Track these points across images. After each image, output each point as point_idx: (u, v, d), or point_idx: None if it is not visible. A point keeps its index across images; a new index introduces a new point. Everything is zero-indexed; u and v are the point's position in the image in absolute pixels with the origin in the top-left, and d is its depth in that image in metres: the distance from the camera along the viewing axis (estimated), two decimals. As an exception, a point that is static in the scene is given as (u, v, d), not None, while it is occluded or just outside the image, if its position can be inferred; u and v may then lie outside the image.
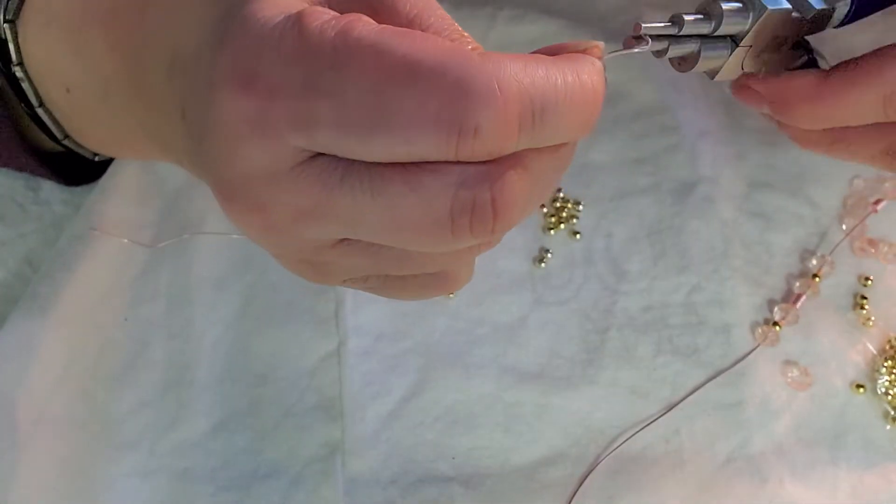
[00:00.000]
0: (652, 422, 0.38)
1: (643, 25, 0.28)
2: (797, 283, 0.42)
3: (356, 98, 0.22)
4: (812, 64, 0.35)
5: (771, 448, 0.38)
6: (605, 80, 0.26)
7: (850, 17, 0.34)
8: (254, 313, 0.41)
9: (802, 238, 0.43)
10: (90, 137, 0.38)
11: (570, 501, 0.36)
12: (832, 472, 0.37)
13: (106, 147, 0.39)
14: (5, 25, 0.34)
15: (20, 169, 0.41)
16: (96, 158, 0.40)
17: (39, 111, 0.36)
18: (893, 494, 0.37)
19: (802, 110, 0.33)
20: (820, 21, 0.34)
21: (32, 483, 0.37)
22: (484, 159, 0.23)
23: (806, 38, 0.35)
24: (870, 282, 0.42)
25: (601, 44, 0.26)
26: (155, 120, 0.31)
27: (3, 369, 0.38)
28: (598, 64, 0.25)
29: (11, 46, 0.34)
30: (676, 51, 0.30)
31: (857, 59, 0.32)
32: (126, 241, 0.42)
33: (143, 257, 0.42)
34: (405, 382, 0.39)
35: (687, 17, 0.29)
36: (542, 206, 0.44)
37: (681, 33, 0.29)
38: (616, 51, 0.27)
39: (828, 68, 0.33)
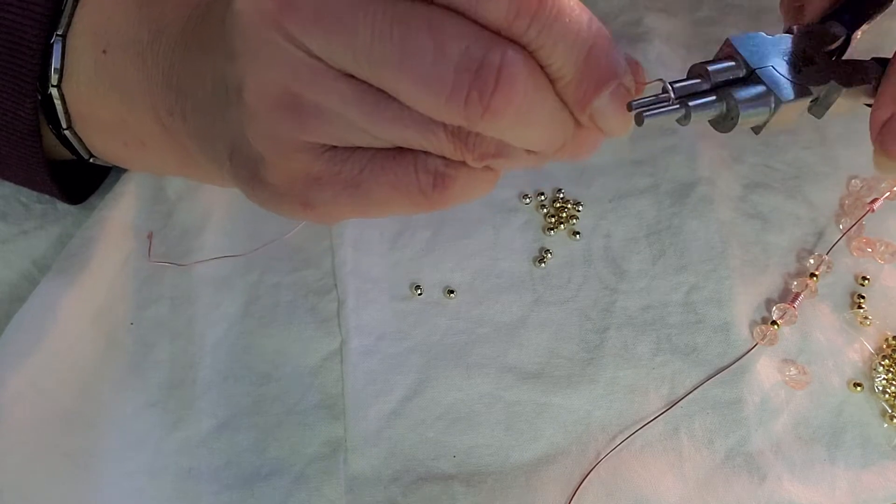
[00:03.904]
0: (651, 420, 0.38)
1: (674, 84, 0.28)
2: (795, 283, 0.42)
3: None
4: (883, 60, 0.34)
5: (769, 446, 0.38)
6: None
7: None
8: (256, 313, 0.41)
9: (800, 238, 0.44)
10: (97, 122, 0.37)
11: (571, 499, 0.37)
12: (830, 470, 0.38)
13: (110, 136, 0.38)
14: (57, 38, 0.35)
15: (31, 186, 0.41)
16: (91, 160, 0.40)
17: (66, 133, 0.37)
18: (891, 492, 0.37)
19: None
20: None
21: (40, 480, 0.37)
22: (501, 23, 0.24)
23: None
24: (867, 281, 0.42)
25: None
26: (190, 56, 0.32)
27: (10, 367, 0.39)
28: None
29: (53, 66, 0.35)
30: (705, 114, 0.29)
31: None
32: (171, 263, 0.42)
33: (149, 262, 0.42)
34: (407, 381, 0.39)
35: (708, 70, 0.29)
36: (543, 206, 0.44)
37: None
38: (648, 106, 0.27)
39: None
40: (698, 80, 0.29)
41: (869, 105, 0.34)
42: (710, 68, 0.29)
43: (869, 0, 0.36)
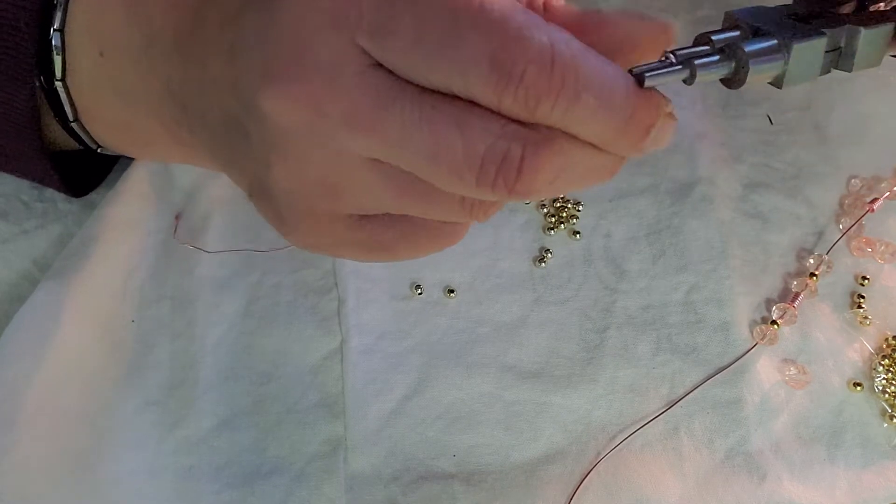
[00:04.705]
0: (651, 420, 0.38)
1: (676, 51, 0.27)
2: (795, 283, 0.42)
3: (433, 18, 0.24)
4: None
5: (769, 446, 0.38)
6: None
7: None
8: (257, 312, 0.41)
9: (799, 238, 0.44)
10: (103, 121, 0.37)
11: (571, 499, 0.37)
12: (830, 470, 0.38)
13: (117, 134, 0.38)
14: (56, 34, 0.35)
15: (32, 178, 0.41)
16: (99, 150, 0.40)
17: (74, 126, 0.37)
18: (891, 492, 0.37)
19: None
20: None
21: (40, 479, 0.37)
22: (523, 115, 0.25)
23: None
24: (867, 281, 0.42)
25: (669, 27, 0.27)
26: (190, 72, 0.32)
27: (11, 366, 0.39)
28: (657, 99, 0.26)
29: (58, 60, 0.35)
30: (713, 72, 0.28)
31: None
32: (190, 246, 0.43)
33: (151, 260, 0.42)
34: (407, 380, 0.39)
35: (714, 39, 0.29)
36: (543, 205, 0.44)
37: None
38: (654, 70, 0.27)
39: None
40: (705, 48, 0.29)
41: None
42: (714, 38, 0.29)
43: None
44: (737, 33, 0.29)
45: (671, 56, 0.27)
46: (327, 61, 0.26)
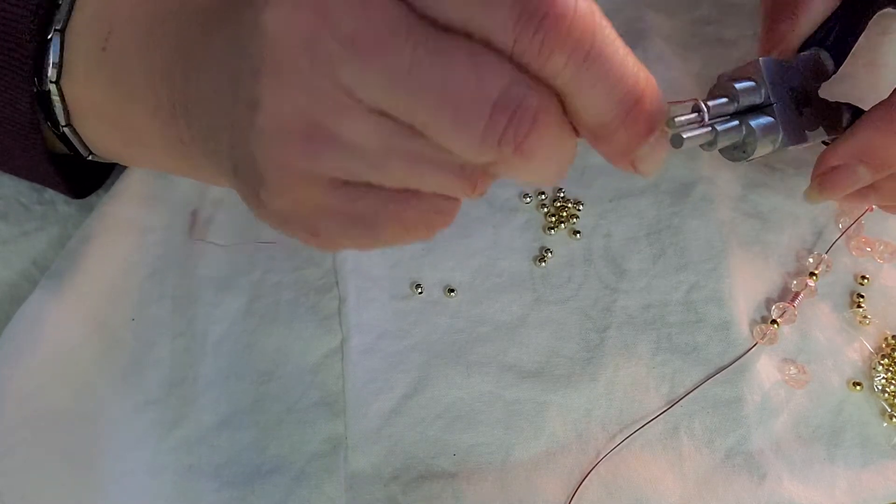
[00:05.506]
0: (651, 419, 0.38)
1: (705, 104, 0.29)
2: (794, 282, 0.42)
3: None
4: (857, 111, 0.38)
5: (769, 445, 0.38)
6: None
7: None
8: (257, 311, 0.41)
9: (799, 237, 0.44)
10: (96, 119, 0.37)
11: (571, 498, 0.37)
12: (830, 470, 0.38)
13: (108, 134, 0.37)
14: (55, 32, 0.34)
15: (36, 179, 0.41)
16: (90, 158, 0.39)
17: (66, 130, 0.36)
18: (890, 491, 0.37)
19: None
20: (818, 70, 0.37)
21: (40, 478, 0.37)
22: (534, 64, 0.24)
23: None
24: (866, 280, 0.42)
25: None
26: (200, 37, 0.31)
27: (10, 365, 0.39)
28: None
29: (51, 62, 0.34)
30: (728, 139, 0.31)
31: None
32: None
33: (151, 259, 0.42)
34: (407, 379, 0.39)
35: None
36: (543, 205, 0.44)
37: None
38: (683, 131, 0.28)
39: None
40: (725, 100, 0.31)
41: (826, 144, 0.37)
42: (737, 86, 0.32)
43: (848, 25, 0.39)
44: (753, 84, 0.33)
45: (704, 107, 0.29)
46: None
